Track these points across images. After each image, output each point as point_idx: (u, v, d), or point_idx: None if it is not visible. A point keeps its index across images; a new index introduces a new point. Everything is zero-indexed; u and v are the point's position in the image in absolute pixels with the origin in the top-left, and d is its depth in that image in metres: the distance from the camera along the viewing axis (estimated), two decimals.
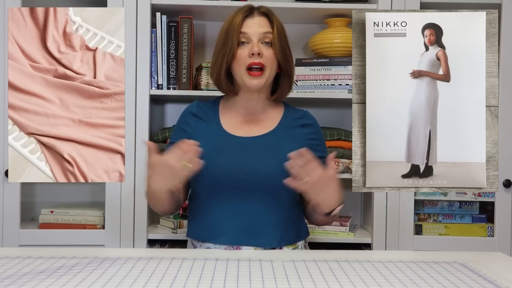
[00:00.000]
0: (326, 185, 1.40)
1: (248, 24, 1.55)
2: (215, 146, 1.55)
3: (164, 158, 1.38)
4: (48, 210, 2.23)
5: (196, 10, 2.28)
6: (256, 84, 1.53)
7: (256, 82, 1.53)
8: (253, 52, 1.51)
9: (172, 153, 1.39)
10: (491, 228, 2.26)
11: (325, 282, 1.11)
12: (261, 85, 1.54)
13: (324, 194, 1.42)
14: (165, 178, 1.42)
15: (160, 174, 1.41)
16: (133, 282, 1.10)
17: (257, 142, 1.56)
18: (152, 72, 2.20)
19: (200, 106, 1.64)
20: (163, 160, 1.39)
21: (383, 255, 1.59)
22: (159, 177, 1.42)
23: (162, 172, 1.40)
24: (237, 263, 1.26)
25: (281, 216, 1.53)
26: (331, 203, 1.45)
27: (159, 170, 1.40)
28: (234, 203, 1.51)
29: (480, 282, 1.13)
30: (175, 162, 1.38)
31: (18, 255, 1.32)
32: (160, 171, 1.40)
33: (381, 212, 2.22)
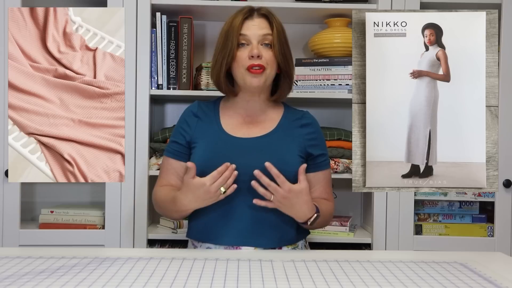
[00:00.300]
0: (294, 201, 1.45)
1: (247, 26, 1.55)
2: (215, 147, 1.55)
3: (203, 182, 1.42)
4: (48, 210, 2.23)
5: (196, 10, 2.28)
6: (256, 82, 1.53)
7: (256, 80, 1.53)
8: (253, 54, 1.51)
9: (211, 176, 1.42)
10: (491, 228, 2.26)
11: (325, 282, 1.11)
12: (261, 84, 1.54)
13: (294, 209, 1.46)
14: (198, 200, 1.45)
15: (195, 195, 1.44)
16: (133, 282, 1.10)
17: (256, 143, 1.56)
18: (152, 72, 2.20)
19: (201, 106, 1.65)
20: (201, 183, 1.42)
21: (383, 255, 1.59)
22: (193, 198, 1.45)
23: (197, 193, 1.44)
24: (237, 263, 1.26)
25: (280, 216, 1.53)
26: (303, 216, 1.48)
27: (195, 191, 1.43)
28: (234, 204, 1.51)
29: (480, 282, 1.13)
30: (213, 188, 1.41)
31: (18, 255, 1.32)
32: (195, 193, 1.44)
33: (381, 212, 2.22)
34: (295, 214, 1.48)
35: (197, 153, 1.57)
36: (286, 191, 1.42)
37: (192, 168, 1.43)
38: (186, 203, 1.47)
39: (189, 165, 1.43)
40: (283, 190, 1.42)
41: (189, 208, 1.49)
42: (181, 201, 1.47)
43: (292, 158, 1.55)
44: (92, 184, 2.40)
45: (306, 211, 1.47)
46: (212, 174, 1.42)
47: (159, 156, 2.22)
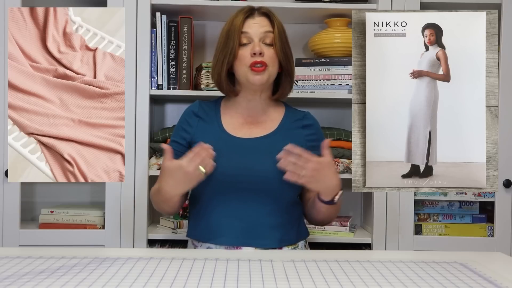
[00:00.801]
0: (324, 173, 1.43)
1: (249, 24, 1.55)
2: (216, 147, 1.55)
3: (180, 163, 1.40)
4: (48, 210, 2.23)
5: (196, 10, 2.28)
6: (259, 79, 1.53)
7: (259, 78, 1.53)
8: (255, 51, 1.51)
9: (187, 158, 1.40)
10: (491, 228, 2.26)
11: (325, 282, 1.11)
12: (264, 81, 1.54)
13: (323, 182, 1.45)
14: (179, 183, 1.43)
15: (175, 179, 1.43)
16: (133, 282, 1.10)
17: (257, 143, 1.56)
18: (152, 72, 2.20)
19: (202, 106, 1.65)
20: (178, 165, 1.41)
21: (383, 255, 1.59)
22: (174, 182, 1.43)
23: (177, 176, 1.42)
24: (237, 263, 1.26)
25: (281, 216, 1.53)
26: (332, 190, 1.47)
27: (174, 174, 1.42)
28: (234, 204, 1.51)
29: (480, 282, 1.13)
30: (190, 167, 1.40)
31: (18, 255, 1.32)
32: (174, 176, 1.42)
33: (381, 212, 2.22)
34: (325, 187, 1.46)
35: None
36: (316, 163, 1.40)
37: (168, 151, 1.42)
38: (168, 189, 1.46)
39: (164, 146, 1.42)
40: (312, 163, 1.40)
41: (173, 193, 1.47)
42: (164, 188, 1.46)
43: None
44: (92, 184, 2.40)
45: (335, 183, 1.46)
46: (188, 155, 1.41)
47: (159, 156, 2.22)
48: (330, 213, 1.56)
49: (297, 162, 1.39)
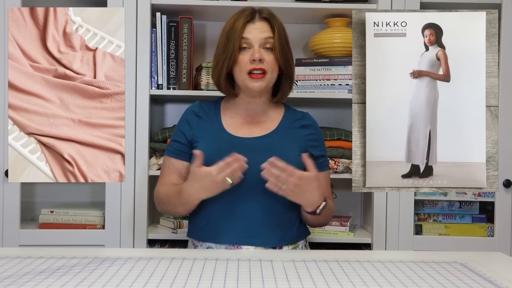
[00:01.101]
0: (305, 188, 1.44)
1: (249, 30, 1.55)
2: (216, 147, 1.55)
3: (209, 171, 1.41)
4: (48, 210, 2.23)
5: (196, 10, 2.28)
6: (258, 86, 1.53)
7: (257, 85, 1.53)
8: (254, 58, 1.51)
9: (217, 166, 1.41)
10: (491, 228, 2.26)
11: (325, 282, 1.11)
12: (263, 88, 1.54)
13: (304, 197, 1.46)
14: (204, 189, 1.44)
15: (201, 185, 1.44)
16: (133, 282, 1.10)
17: (257, 143, 1.57)
18: (152, 72, 2.20)
19: (202, 106, 1.65)
20: (208, 172, 1.41)
21: (383, 255, 1.59)
22: (199, 187, 1.44)
23: (204, 183, 1.43)
24: (237, 263, 1.26)
25: (281, 216, 1.53)
26: (312, 204, 1.47)
27: (201, 181, 1.43)
28: (234, 203, 1.52)
29: (480, 282, 1.13)
30: (219, 177, 1.40)
31: (18, 255, 1.32)
32: (201, 182, 1.43)
33: (381, 212, 2.22)
34: (306, 202, 1.47)
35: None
36: (298, 179, 1.41)
37: (199, 156, 1.42)
38: (192, 193, 1.46)
39: (196, 153, 1.43)
40: (294, 178, 1.40)
41: (196, 197, 1.48)
42: (188, 191, 1.46)
43: (292, 158, 1.55)
44: (92, 184, 2.40)
45: (317, 197, 1.46)
46: (219, 164, 1.41)
47: (159, 156, 2.22)
48: (318, 220, 1.57)
49: (280, 175, 1.40)
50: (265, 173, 1.41)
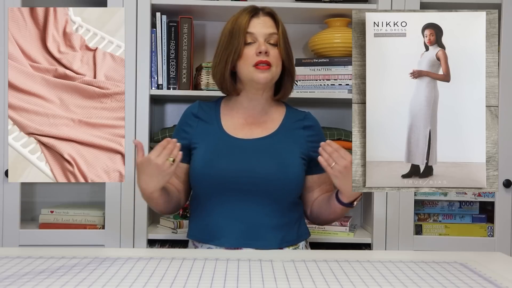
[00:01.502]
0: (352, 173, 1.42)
1: (254, 24, 1.55)
2: (216, 148, 1.55)
3: (148, 157, 1.39)
4: (48, 210, 2.23)
5: (196, 10, 2.28)
6: (264, 78, 1.53)
7: (264, 76, 1.53)
8: (261, 50, 1.51)
9: (154, 151, 1.39)
10: (491, 228, 2.26)
11: (325, 282, 1.11)
12: (268, 80, 1.54)
13: (348, 182, 1.43)
14: (152, 177, 1.42)
15: (147, 174, 1.42)
16: (133, 282, 1.10)
17: (258, 144, 1.56)
18: (152, 72, 2.20)
19: (202, 106, 1.65)
20: (147, 159, 1.39)
21: (383, 255, 1.59)
22: (147, 177, 1.42)
23: (149, 171, 1.41)
24: (237, 263, 1.26)
25: (282, 217, 1.53)
26: (352, 193, 1.46)
27: (146, 169, 1.41)
28: (235, 205, 1.51)
29: (480, 282, 1.13)
30: (159, 159, 1.38)
31: (18, 255, 1.32)
32: (146, 171, 1.41)
33: (381, 212, 2.22)
34: (348, 188, 1.45)
35: (198, 154, 1.57)
36: (349, 162, 1.41)
37: (139, 147, 1.41)
38: (144, 186, 1.45)
39: (134, 142, 1.41)
40: (345, 160, 1.41)
41: (149, 189, 1.46)
42: (140, 186, 1.46)
43: (293, 160, 1.55)
44: (92, 184, 2.40)
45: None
46: (154, 148, 1.40)
47: None
48: (342, 214, 1.57)
49: (334, 152, 1.41)
50: (321, 150, 1.41)
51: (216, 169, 1.49)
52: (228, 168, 1.51)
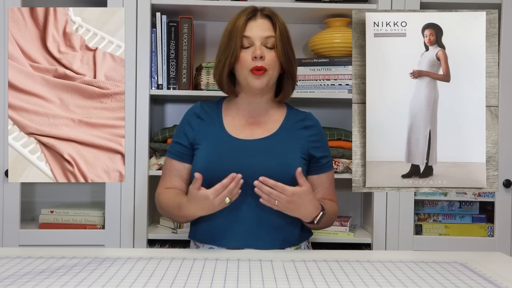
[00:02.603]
0: (299, 202, 1.44)
1: (251, 28, 1.55)
2: (218, 149, 1.55)
3: (206, 194, 1.40)
4: (48, 210, 2.23)
5: (196, 10, 2.28)
6: (259, 83, 1.53)
7: (259, 82, 1.53)
8: (256, 55, 1.51)
9: (214, 189, 1.40)
10: (491, 228, 2.26)
11: (325, 282, 1.11)
12: (264, 85, 1.54)
13: (298, 211, 1.47)
14: (203, 210, 1.45)
15: (199, 206, 1.44)
16: (133, 282, 1.10)
17: (259, 145, 1.56)
18: (152, 72, 2.20)
19: (203, 107, 1.64)
20: (205, 195, 1.41)
21: (383, 255, 1.59)
22: (198, 208, 1.45)
23: (202, 205, 1.43)
24: (237, 263, 1.26)
25: (283, 218, 1.53)
26: (308, 216, 1.49)
27: (199, 203, 1.43)
28: (236, 206, 1.51)
29: (480, 282, 1.13)
30: (216, 200, 1.40)
31: (18, 255, 1.32)
32: (200, 204, 1.43)
33: (381, 212, 2.22)
34: (301, 215, 1.48)
35: (199, 155, 1.57)
36: (290, 196, 1.42)
37: (198, 179, 1.42)
38: (192, 212, 1.47)
39: (196, 176, 1.42)
40: (285, 196, 1.41)
41: (195, 215, 1.50)
42: (187, 209, 1.47)
43: (294, 160, 1.55)
44: (92, 184, 2.40)
45: (312, 210, 1.47)
46: (216, 187, 1.40)
47: (159, 156, 2.22)
48: (318, 227, 1.57)
49: (272, 192, 1.41)
50: (257, 190, 1.42)
51: (218, 170, 1.49)
52: (229, 169, 1.51)
